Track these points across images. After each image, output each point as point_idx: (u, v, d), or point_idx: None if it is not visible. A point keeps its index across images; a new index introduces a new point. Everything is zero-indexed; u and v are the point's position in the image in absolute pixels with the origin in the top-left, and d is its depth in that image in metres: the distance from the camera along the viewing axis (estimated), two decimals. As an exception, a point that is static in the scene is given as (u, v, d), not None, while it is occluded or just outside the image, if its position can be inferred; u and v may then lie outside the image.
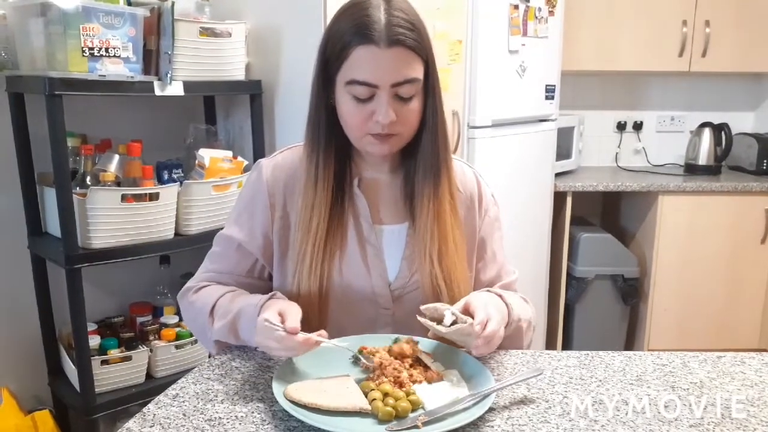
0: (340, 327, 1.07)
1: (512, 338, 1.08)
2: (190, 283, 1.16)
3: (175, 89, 1.82)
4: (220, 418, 0.85)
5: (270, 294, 1.03)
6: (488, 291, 1.09)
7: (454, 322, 0.95)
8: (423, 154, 1.09)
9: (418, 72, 1.01)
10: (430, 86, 1.05)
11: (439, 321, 0.97)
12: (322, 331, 0.94)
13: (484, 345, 0.95)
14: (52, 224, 1.82)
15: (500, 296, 1.06)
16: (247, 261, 1.13)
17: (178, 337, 1.96)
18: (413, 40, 0.99)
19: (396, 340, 1.00)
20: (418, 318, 0.98)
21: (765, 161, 3.03)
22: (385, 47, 0.97)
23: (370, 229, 1.11)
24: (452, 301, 1.04)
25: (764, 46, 2.99)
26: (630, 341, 3.04)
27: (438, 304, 0.99)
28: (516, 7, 2.33)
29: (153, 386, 1.88)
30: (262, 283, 1.15)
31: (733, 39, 2.97)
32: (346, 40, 0.99)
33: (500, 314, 0.99)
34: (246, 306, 1.02)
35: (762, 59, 3.01)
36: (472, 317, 0.95)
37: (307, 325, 1.07)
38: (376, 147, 1.05)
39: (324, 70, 1.04)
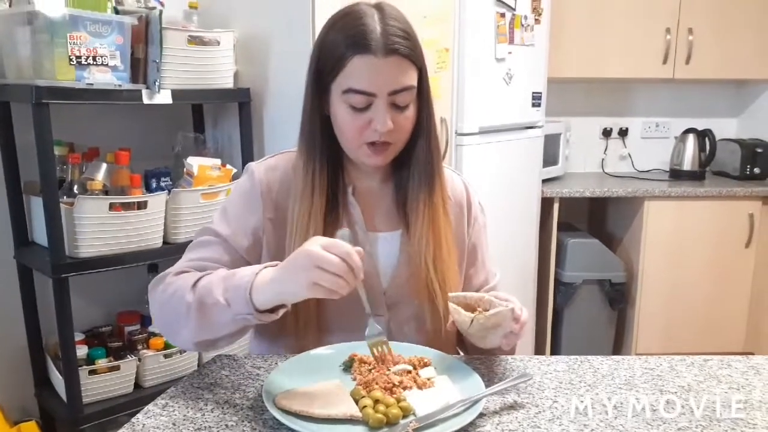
0: (335, 333, 1.07)
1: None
2: (168, 271, 1.07)
3: (163, 97, 1.81)
4: (210, 427, 0.84)
5: (273, 263, 0.96)
6: None
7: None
8: (417, 162, 1.10)
9: (413, 80, 1.03)
10: (424, 94, 1.07)
11: (467, 310, 0.99)
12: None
13: (516, 334, 0.98)
14: (39, 233, 1.81)
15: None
16: (233, 256, 1.09)
17: (167, 346, 1.95)
18: (408, 49, 1.00)
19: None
20: (450, 305, 0.99)
21: (748, 166, 3.07)
22: (382, 56, 0.98)
23: (364, 237, 1.11)
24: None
25: (746, 53, 3.03)
26: (618, 345, 3.06)
27: (467, 293, 1.02)
28: (502, 15, 2.35)
29: (142, 396, 1.86)
30: None
31: (715, 47, 3.01)
32: (342, 50, 0.99)
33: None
34: (245, 267, 0.96)
35: (744, 66, 3.06)
36: None
37: (303, 332, 1.07)
38: (372, 158, 1.06)
39: (317, 81, 1.05)
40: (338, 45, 1.00)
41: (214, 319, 0.96)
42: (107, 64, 1.68)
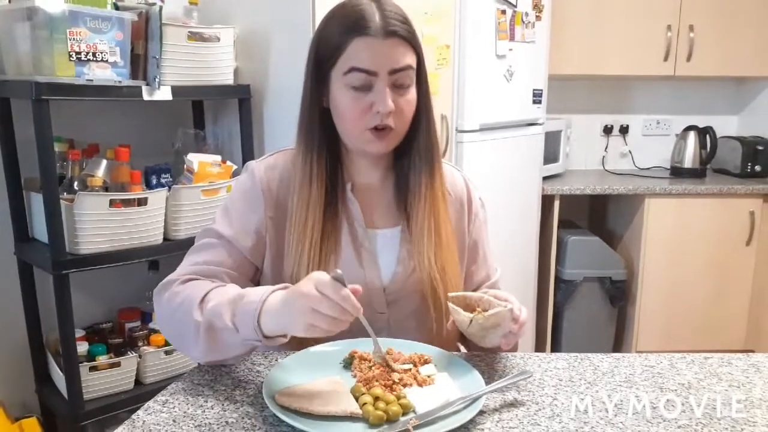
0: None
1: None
2: (173, 276, 1.05)
3: (164, 94, 1.81)
4: (210, 423, 0.84)
5: (282, 285, 0.95)
6: None
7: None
8: (417, 150, 1.11)
9: (412, 61, 1.04)
10: (422, 81, 1.08)
11: (467, 309, 0.99)
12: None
13: (517, 333, 0.98)
14: (39, 230, 1.81)
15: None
16: (236, 258, 1.08)
17: (168, 343, 1.95)
18: (407, 32, 1.03)
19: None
20: (449, 305, 0.99)
21: (749, 164, 3.07)
22: (382, 38, 1.00)
23: (364, 234, 1.11)
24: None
25: (747, 50, 3.03)
26: (618, 343, 3.06)
27: (466, 293, 1.03)
28: (503, 12, 2.34)
29: (142, 392, 1.86)
30: (252, 285, 1.09)
31: (716, 44, 3.00)
32: (341, 36, 1.01)
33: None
34: (253, 290, 0.95)
35: (745, 63, 3.05)
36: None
37: (306, 343, 1.06)
38: (374, 144, 1.06)
39: (316, 71, 1.05)
40: (337, 33, 1.02)
41: (224, 342, 0.95)
42: (107, 60, 1.68)
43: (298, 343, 1.06)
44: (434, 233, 1.10)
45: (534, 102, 2.64)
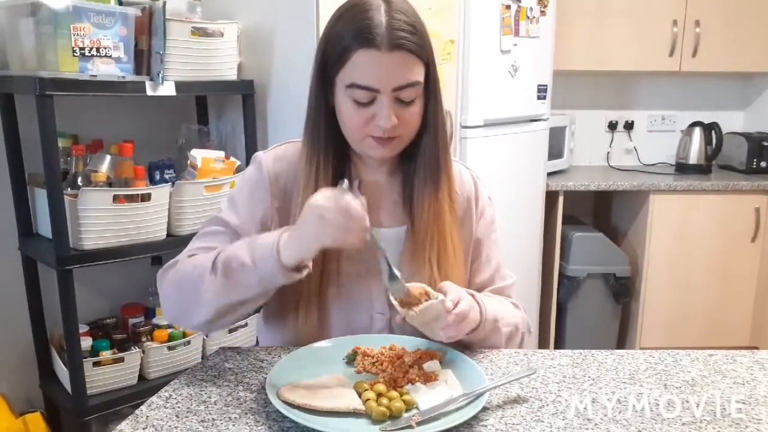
0: (337, 328, 1.07)
1: (489, 339, 1.07)
2: (177, 258, 1.06)
3: (167, 89, 1.81)
4: (213, 419, 0.84)
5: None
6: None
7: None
8: (423, 157, 1.09)
9: (419, 75, 1.01)
10: (431, 88, 1.05)
11: (410, 307, 0.96)
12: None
13: (454, 325, 0.95)
14: (43, 225, 1.81)
15: (472, 295, 1.05)
16: None
17: (171, 338, 1.95)
18: (414, 44, 0.99)
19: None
20: (390, 298, 0.97)
21: (754, 160, 3.06)
22: (387, 51, 0.96)
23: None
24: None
25: (753, 45, 3.01)
26: (622, 340, 3.05)
27: (410, 285, 0.98)
28: (508, 7, 2.33)
29: (145, 388, 1.87)
30: None
31: (722, 39, 2.99)
32: (347, 43, 0.98)
33: (472, 303, 1.00)
34: (268, 233, 0.98)
35: (751, 59, 3.04)
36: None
37: (307, 326, 1.06)
38: (377, 150, 1.04)
39: (323, 71, 1.04)
40: (343, 37, 0.99)
41: (239, 282, 0.96)
42: (111, 56, 1.68)
43: (300, 330, 1.06)
44: (438, 241, 1.08)
45: (538, 98, 2.63)
